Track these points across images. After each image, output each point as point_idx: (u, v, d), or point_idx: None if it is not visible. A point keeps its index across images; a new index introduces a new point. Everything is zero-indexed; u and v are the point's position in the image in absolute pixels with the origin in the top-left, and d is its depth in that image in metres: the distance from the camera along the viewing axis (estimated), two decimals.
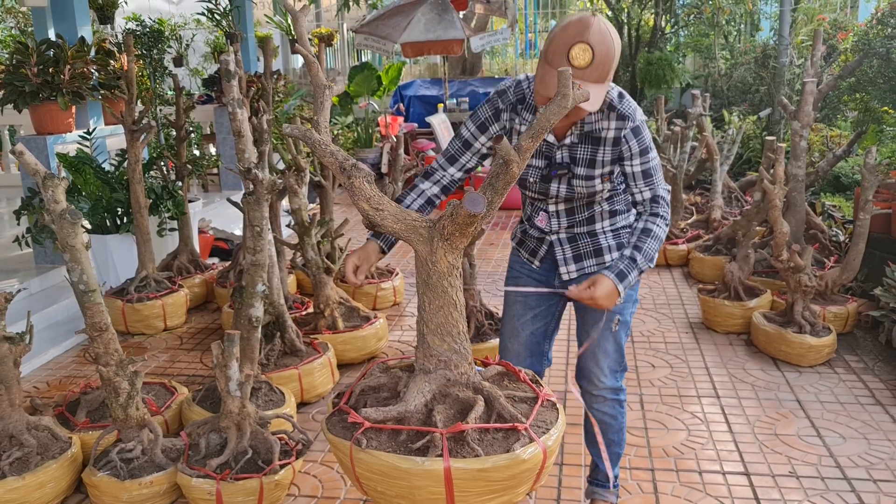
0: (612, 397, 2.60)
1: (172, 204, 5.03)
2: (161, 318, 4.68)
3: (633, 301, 2.53)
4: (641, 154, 2.33)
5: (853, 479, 2.97)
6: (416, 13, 9.43)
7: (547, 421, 2.17)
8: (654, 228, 2.35)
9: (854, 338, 4.39)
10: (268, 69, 4.42)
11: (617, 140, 2.30)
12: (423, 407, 2.11)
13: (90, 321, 2.88)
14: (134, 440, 2.93)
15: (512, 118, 2.34)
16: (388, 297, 5.12)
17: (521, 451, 1.98)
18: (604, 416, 2.62)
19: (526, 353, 2.65)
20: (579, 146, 2.33)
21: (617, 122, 2.29)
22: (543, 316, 2.60)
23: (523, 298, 2.58)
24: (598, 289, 2.26)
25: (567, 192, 2.38)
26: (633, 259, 2.32)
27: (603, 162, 2.33)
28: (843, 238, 5.38)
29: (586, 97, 1.93)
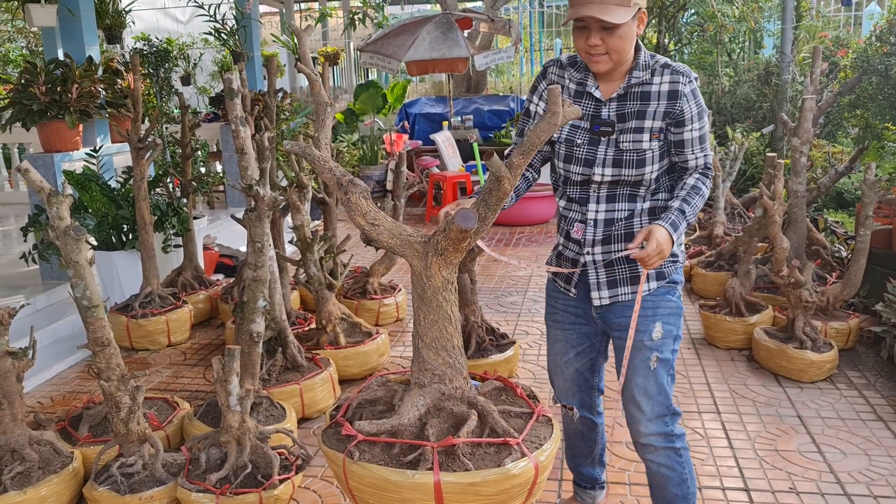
0: (664, 445, 2.36)
1: (177, 221, 5.07)
2: (165, 333, 4.72)
3: (673, 337, 2.36)
4: (699, 117, 2.26)
5: (853, 495, 2.96)
6: (420, 32, 9.51)
7: (541, 436, 2.18)
8: (702, 187, 2.29)
9: (856, 353, 4.38)
10: (271, 87, 4.48)
11: (674, 94, 2.22)
12: (417, 420, 2.14)
13: (92, 336, 2.91)
14: (135, 455, 2.95)
15: (561, 75, 2.36)
16: (391, 312, 5.14)
17: (511, 465, 2.00)
18: (659, 469, 2.40)
19: (574, 389, 2.58)
20: (627, 101, 2.26)
21: (672, 76, 2.23)
22: (587, 353, 2.52)
23: (565, 338, 2.51)
24: (658, 234, 2.14)
25: (615, 156, 2.26)
26: (682, 211, 2.23)
27: (655, 114, 2.24)
28: (845, 254, 5.38)
29: (578, 114, 1.96)
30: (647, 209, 2.33)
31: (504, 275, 6.35)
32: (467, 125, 10.76)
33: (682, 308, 2.39)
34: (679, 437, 2.39)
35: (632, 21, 2.15)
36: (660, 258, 2.17)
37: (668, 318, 2.34)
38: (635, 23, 2.18)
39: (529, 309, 5.41)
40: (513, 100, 11.37)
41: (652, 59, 2.27)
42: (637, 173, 2.27)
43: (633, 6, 2.12)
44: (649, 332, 2.32)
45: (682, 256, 2.39)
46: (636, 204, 2.32)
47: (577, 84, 2.33)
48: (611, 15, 2.08)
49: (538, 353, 4.57)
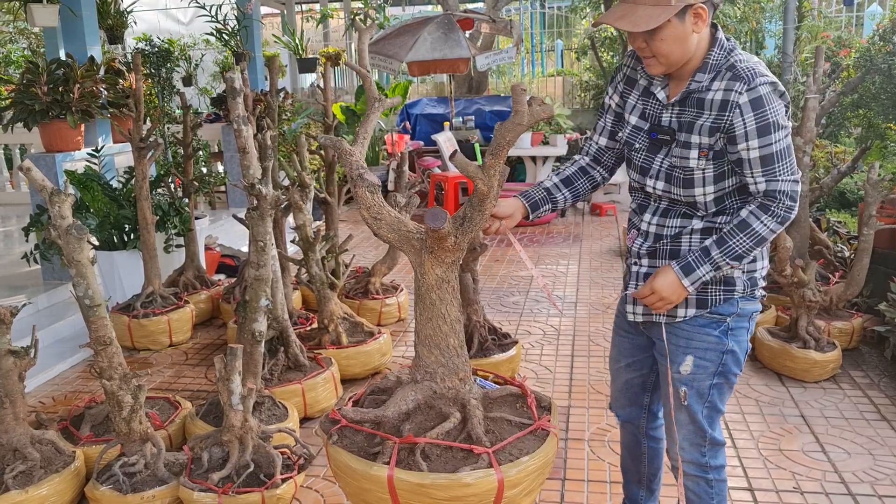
0: (694, 473, 2.25)
1: (179, 220, 5.06)
2: (167, 333, 4.71)
3: (710, 373, 2.15)
4: (760, 133, 1.92)
5: (858, 494, 2.95)
6: (422, 32, 9.51)
7: (522, 450, 2.15)
8: (752, 224, 1.97)
9: (859, 353, 4.37)
10: (272, 87, 4.47)
11: (724, 105, 1.95)
12: (402, 414, 2.15)
13: (95, 335, 2.90)
14: (137, 454, 2.94)
15: (635, 67, 2.17)
16: (393, 312, 5.13)
17: (465, 474, 1.99)
18: (688, 493, 2.29)
19: (624, 401, 2.46)
20: (686, 108, 2.02)
21: (728, 83, 1.94)
22: (639, 367, 2.37)
23: (619, 344, 2.41)
24: (659, 280, 2.03)
25: (667, 171, 2.07)
26: (707, 252, 2.00)
27: (702, 128, 1.98)
28: (847, 253, 5.37)
29: (549, 113, 1.85)
30: (700, 229, 2.09)
31: (506, 275, 6.34)
32: (469, 126, 10.75)
33: (725, 343, 2.12)
34: (715, 468, 2.24)
35: (676, 21, 1.91)
36: (662, 303, 2.07)
37: (703, 354, 2.14)
38: (685, 20, 1.92)
39: (531, 309, 5.41)
40: None
41: (725, 59, 1.99)
42: (686, 193, 2.05)
43: (676, 3, 1.89)
44: (678, 364, 2.17)
45: (742, 286, 2.11)
46: (690, 222, 2.11)
47: (647, 81, 2.15)
48: (634, 21, 1.90)
49: (540, 353, 4.56)
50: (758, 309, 2.20)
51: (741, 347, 2.17)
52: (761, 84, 1.93)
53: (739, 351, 2.17)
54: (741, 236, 1.99)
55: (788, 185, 1.97)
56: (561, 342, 4.73)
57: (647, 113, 2.14)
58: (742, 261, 2.02)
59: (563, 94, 13.68)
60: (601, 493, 3.02)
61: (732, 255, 2.00)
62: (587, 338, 4.79)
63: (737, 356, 2.17)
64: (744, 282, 2.12)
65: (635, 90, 2.18)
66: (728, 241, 2.00)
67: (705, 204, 2.07)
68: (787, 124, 1.96)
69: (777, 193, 1.96)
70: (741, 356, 2.18)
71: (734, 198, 2.08)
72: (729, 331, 2.14)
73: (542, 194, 2.33)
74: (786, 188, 1.96)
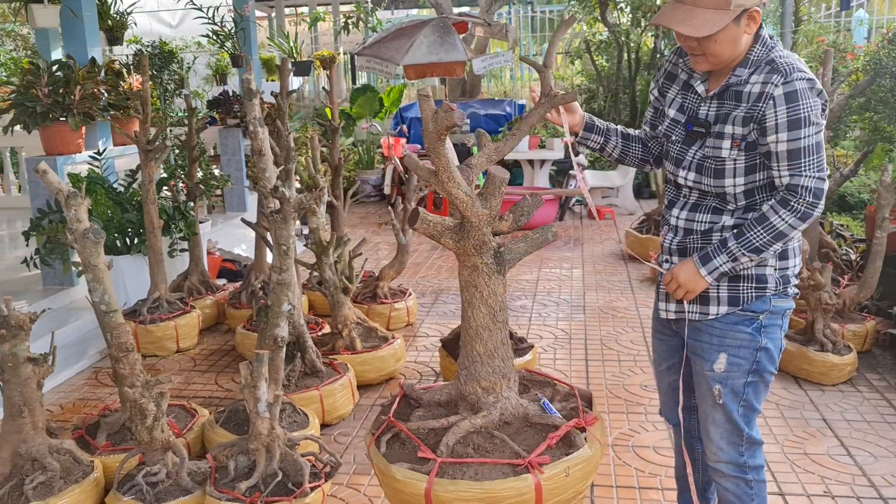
0: (733, 473, 2.23)
1: (184, 224, 4.99)
2: (174, 339, 4.63)
3: (745, 371, 2.13)
4: (791, 127, 1.93)
5: (890, 498, 2.94)
6: (418, 36, 9.47)
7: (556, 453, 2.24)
8: (771, 217, 1.98)
9: (873, 356, 4.37)
10: (283, 89, 4.42)
11: (760, 97, 1.96)
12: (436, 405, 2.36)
13: (116, 341, 2.83)
14: (159, 463, 2.87)
15: (676, 63, 2.23)
16: (402, 317, 5.08)
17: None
18: (725, 493, 2.28)
19: (671, 405, 2.46)
20: (724, 101, 2.06)
21: (766, 75, 1.97)
22: (678, 368, 2.35)
23: (658, 347, 2.42)
24: (678, 268, 2.09)
25: (699, 161, 2.10)
26: (724, 243, 2.03)
27: (736, 119, 2.00)
28: (854, 257, 5.39)
29: (454, 121, 1.97)
30: (730, 226, 2.10)
31: (511, 278, 6.31)
32: (464, 129, 10.72)
33: (759, 340, 2.12)
34: (754, 468, 2.23)
35: (733, 24, 1.94)
36: (683, 291, 2.11)
37: (737, 351, 2.13)
38: (740, 23, 1.96)
39: (539, 313, 5.37)
40: (509, 104, 11.35)
41: (766, 55, 2.01)
42: (716, 184, 2.08)
43: (735, 8, 1.91)
44: (712, 362, 2.16)
45: (774, 283, 2.11)
46: (720, 218, 2.11)
47: (687, 75, 2.19)
48: (694, 25, 1.91)
49: (553, 357, 4.52)
50: (791, 307, 2.19)
51: (775, 345, 2.16)
52: (798, 79, 1.94)
53: (774, 349, 2.16)
54: (759, 229, 2.00)
55: (813, 181, 1.96)
56: (573, 346, 4.69)
57: (685, 106, 2.18)
58: (760, 254, 2.02)
59: None
60: (631, 499, 2.98)
61: (749, 247, 2.00)
62: (599, 341, 4.76)
63: (771, 354, 2.16)
64: (776, 279, 2.12)
65: (675, 84, 2.23)
66: (746, 233, 2.02)
67: (735, 196, 2.09)
68: (819, 121, 1.97)
69: (799, 188, 1.96)
70: (776, 354, 2.18)
71: (764, 193, 2.08)
72: (762, 328, 2.14)
73: (602, 126, 2.36)
74: (809, 184, 1.96)
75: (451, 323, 5.17)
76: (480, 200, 2.34)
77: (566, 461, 2.22)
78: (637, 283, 6.12)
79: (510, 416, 2.44)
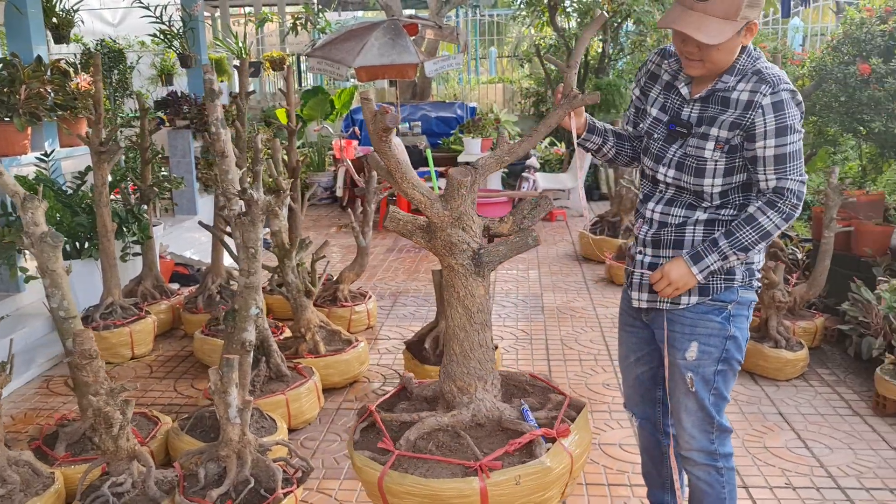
0: (704, 461, 2.30)
1: (138, 228, 4.86)
2: (128, 346, 4.51)
3: (715, 359, 2.22)
4: (778, 134, 2.03)
5: (846, 488, 3.05)
6: (369, 38, 9.42)
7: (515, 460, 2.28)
8: (759, 217, 2.08)
9: (822, 352, 4.53)
10: (243, 89, 4.35)
11: (749, 105, 2.05)
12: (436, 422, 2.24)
13: (79, 348, 2.75)
14: (124, 473, 2.79)
15: (659, 63, 2.29)
16: (363, 320, 5.05)
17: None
18: (697, 482, 2.35)
19: (637, 398, 2.53)
20: (709, 105, 2.14)
21: (755, 85, 2.05)
22: (647, 360, 2.45)
23: (626, 340, 2.48)
24: (669, 266, 2.15)
25: (679, 159, 2.18)
26: (716, 242, 2.11)
27: (723, 123, 2.09)
28: (800, 256, 5.57)
29: (392, 123, 2.04)
30: (704, 220, 2.20)
31: None
32: (416, 131, 10.72)
33: (728, 329, 2.21)
34: (724, 456, 2.31)
35: (736, 35, 2.01)
36: (671, 289, 2.17)
37: (707, 340, 2.21)
38: (741, 33, 2.03)
39: (499, 314, 5.41)
40: (459, 106, 11.40)
41: (752, 65, 2.10)
42: (696, 182, 2.16)
43: (741, 20, 1.98)
44: (684, 350, 2.23)
45: (741, 275, 2.21)
46: (694, 213, 2.21)
47: (670, 76, 2.26)
48: (708, 33, 1.96)
49: (516, 357, 4.56)
50: (755, 300, 2.30)
51: (742, 335, 2.27)
52: (783, 90, 2.05)
53: (741, 338, 2.27)
54: (748, 229, 2.10)
55: (796, 184, 2.09)
56: (535, 346, 4.74)
57: (667, 106, 2.25)
58: (748, 253, 2.13)
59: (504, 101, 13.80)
60: (601, 497, 3.03)
61: (739, 246, 2.10)
62: (560, 341, 4.82)
63: (738, 342, 2.26)
64: (742, 271, 2.22)
65: (657, 84, 2.30)
66: (735, 233, 2.11)
67: (711, 195, 2.18)
68: (800, 129, 2.09)
69: (785, 191, 2.08)
70: (742, 343, 2.28)
71: (738, 193, 2.19)
72: (731, 317, 2.23)
73: (601, 127, 2.41)
74: (794, 187, 2.08)
75: (412, 325, 5.16)
76: (442, 202, 2.35)
77: (518, 469, 2.21)
78: (593, 283, 6.21)
79: (483, 419, 2.45)
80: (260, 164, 3.22)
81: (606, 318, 5.25)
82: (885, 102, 4.46)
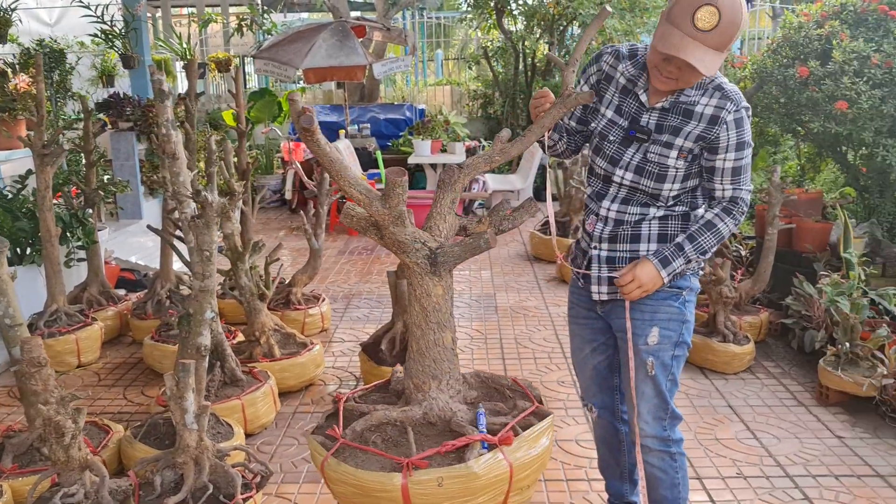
0: (658, 448, 2.39)
1: (83, 232, 4.73)
2: (75, 353, 4.38)
3: (673, 343, 2.33)
4: (738, 148, 2.18)
5: (794, 475, 3.15)
6: (317, 39, 9.37)
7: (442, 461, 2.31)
8: (717, 223, 2.23)
9: (767, 345, 4.67)
10: (192, 90, 4.28)
11: (714, 119, 2.15)
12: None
13: (27, 356, 2.66)
14: (76, 483, 2.72)
15: (614, 66, 2.29)
16: (316, 322, 5.01)
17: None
18: (652, 469, 2.42)
19: (595, 389, 2.58)
20: (669, 114, 2.21)
21: (719, 101, 2.15)
22: (602, 350, 2.51)
23: (580, 332, 2.53)
24: (639, 269, 2.21)
25: (639, 164, 2.24)
26: (681, 247, 2.23)
27: (688, 135, 2.18)
28: (744, 253, 5.73)
29: (308, 124, 2.07)
30: (659, 217, 2.30)
31: None
32: (364, 134, 10.68)
33: (684, 314, 2.33)
34: (676, 442, 2.40)
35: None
36: (640, 290, 2.24)
37: (667, 324, 2.31)
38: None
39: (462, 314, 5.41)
40: (408, 108, 11.39)
41: (710, 80, 2.19)
42: (655, 186, 2.25)
43: (726, 51, 2.05)
44: (645, 336, 2.31)
45: (694, 265, 2.32)
46: (649, 210, 2.30)
47: (627, 80, 2.28)
48: (706, 65, 2.01)
49: (471, 357, 4.58)
50: (699, 287, 2.45)
51: (692, 320, 2.40)
52: (743, 107, 2.19)
53: (692, 322, 2.40)
54: (708, 234, 2.25)
55: (748, 194, 2.28)
56: (489, 345, 4.77)
57: (623, 110, 2.30)
58: (706, 255, 2.27)
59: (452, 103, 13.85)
60: (560, 492, 3.07)
61: (700, 250, 2.25)
62: (514, 340, 4.86)
63: (690, 327, 2.38)
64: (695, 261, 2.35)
65: (613, 86, 2.33)
66: (697, 238, 2.25)
67: (667, 197, 2.29)
68: (752, 143, 2.24)
69: (739, 200, 2.26)
70: (692, 328, 2.41)
71: (688, 196, 2.33)
72: (685, 303, 2.36)
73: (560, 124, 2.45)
74: (745, 196, 2.27)
75: (366, 327, 5.15)
76: (380, 201, 2.37)
77: (442, 471, 2.24)
78: (544, 282, 6.28)
79: (435, 418, 2.47)
80: (215, 165, 3.18)
81: (559, 317, 5.32)
82: (823, 104, 4.62)
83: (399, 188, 2.33)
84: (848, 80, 4.50)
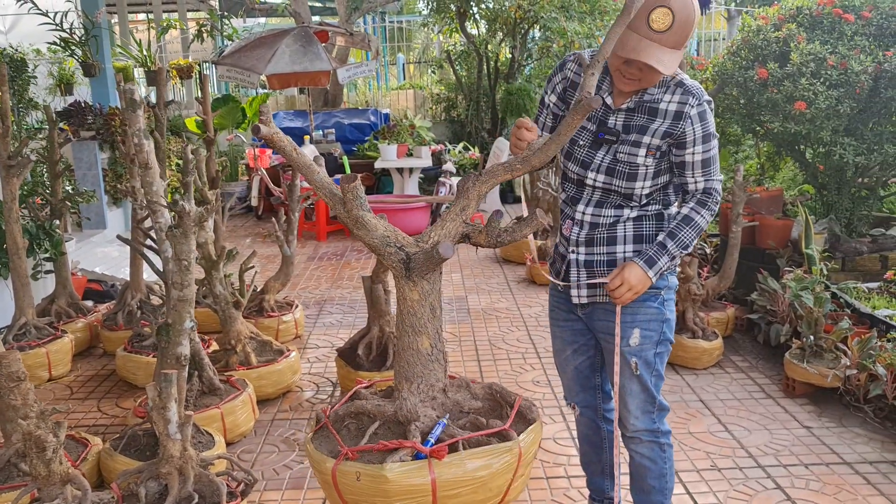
0: (648, 439, 2.46)
1: (50, 244, 4.67)
2: (46, 367, 4.32)
3: (654, 342, 2.38)
4: (704, 140, 2.25)
5: (766, 466, 3.25)
6: (280, 45, 9.34)
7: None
8: (695, 217, 2.28)
9: (734, 340, 4.80)
10: (161, 99, 4.25)
11: (679, 115, 2.21)
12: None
13: (6, 371, 2.64)
14: (58, 498, 2.69)
15: (578, 73, 2.34)
16: (290, 329, 5.01)
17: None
18: (641, 459, 2.49)
19: (577, 388, 2.62)
20: (635, 114, 2.27)
21: (681, 97, 2.21)
22: (584, 350, 2.56)
23: (560, 334, 2.57)
24: (627, 273, 2.25)
25: (609, 165, 2.29)
26: (664, 245, 2.27)
27: (655, 132, 2.24)
28: (709, 251, 5.87)
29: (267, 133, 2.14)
30: (633, 217, 2.36)
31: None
32: (329, 139, 10.67)
33: (664, 313, 2.38)
34: (664, 433, 2.48)
35: None
36: (631, 293, 2.27)
37: (648, 325, 2.36)
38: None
39: None
40: (373, 113, 11.41)
41: (671, 77, 2.24)
42: (627, 186, 2.30)
43: (683, 49, 2.12)
44: (627, 338, 2.36)
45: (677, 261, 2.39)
46: (623, 211, 2.35)
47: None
48: (665, 64, 2.07)
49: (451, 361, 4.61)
50: (677, 284, 2.50)
51: (672, 317, 2.44)
52: (705, 101, 2.26)
53: (672, 319, 2.44)
54: (687, 229, 2.30)
55: (719, 183, 2.34)
56: (464, 347, 4.82)
57: (590, 114, 2.32)
58: (688, 249, 2.32)
59: (416, 107, 13.89)
60: (541, 489, 3.12)
61: (682, 245, 2.30)
62: (488, 342, 4.92)
63: (671, 325, 2.43)
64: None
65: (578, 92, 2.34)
66: (678, 234, 2.29)
67: (640, 196, 2.34)
68: (717, 134, 2.31)
69: (712, 191, 2.32)
70: (673, 325, 2.45)
71: (660, 192, 2.38)
72: (664, 302, 2.40)
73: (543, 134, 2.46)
74: (717, 186, 2.33)
75: (340, 333, 5.16)
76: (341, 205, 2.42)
77: (361, 467, 2.32)
78: (514, 284, 6.35)
79: (403, 418, 2.51)
80: (191, 174, 3.17)
81: (531, 318, 5.39)
82: (782, 104, 4.76)
83: (350, 194, 2.36)
84: (806, 81, 4.65)
